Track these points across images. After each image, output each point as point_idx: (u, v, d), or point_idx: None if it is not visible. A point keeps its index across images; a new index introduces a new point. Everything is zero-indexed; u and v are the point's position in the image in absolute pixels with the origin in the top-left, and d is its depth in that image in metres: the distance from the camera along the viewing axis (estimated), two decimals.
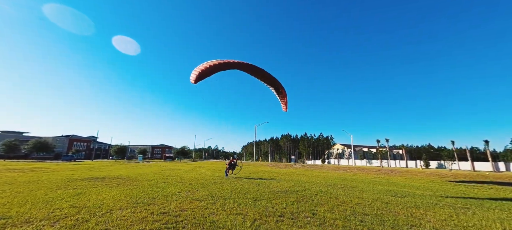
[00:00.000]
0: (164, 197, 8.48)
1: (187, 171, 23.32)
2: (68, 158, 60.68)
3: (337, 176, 22.19)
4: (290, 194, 9.85)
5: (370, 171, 31.27)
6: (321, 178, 19.45)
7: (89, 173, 19.19)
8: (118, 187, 11.09)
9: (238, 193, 9.68)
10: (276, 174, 23.14)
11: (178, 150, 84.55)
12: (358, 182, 16.87)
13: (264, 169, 32.79)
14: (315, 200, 8.69)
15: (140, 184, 12.35)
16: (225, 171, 17.31)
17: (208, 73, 9.21)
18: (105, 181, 13.25)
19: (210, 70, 9.27)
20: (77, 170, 22.09)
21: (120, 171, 21.65)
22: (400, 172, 29.42)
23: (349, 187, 13.02)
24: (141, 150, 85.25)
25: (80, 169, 23.86)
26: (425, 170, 33.85)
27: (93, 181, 13.43)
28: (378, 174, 27.38)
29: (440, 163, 43.51)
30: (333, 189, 12.08)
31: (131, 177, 15.83)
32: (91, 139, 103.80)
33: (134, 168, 28.36)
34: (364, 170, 32.85)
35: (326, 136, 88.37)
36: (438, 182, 18.77)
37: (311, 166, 40.95)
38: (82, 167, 27.76)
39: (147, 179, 14.69)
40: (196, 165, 42.73)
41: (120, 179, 14.43)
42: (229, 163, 17.09)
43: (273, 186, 12.55)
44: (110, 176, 16.69)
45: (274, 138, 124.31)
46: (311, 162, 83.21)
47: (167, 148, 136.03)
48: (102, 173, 18.92)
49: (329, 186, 13.19)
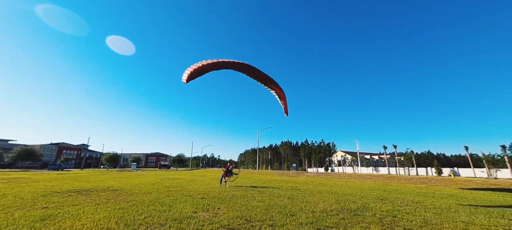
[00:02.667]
0: (177, 223, 5.65)
1: (189, 181, 20.27)
2: (55, 167, 56.18)
3: (370, 186, 18.41)
4: (353, 215, 7.04)
5: (400, 179, 27.59)
6: (355, 188, 16.35)
7: (74, 184, 16.00)
8: (107, 204, 8.16)
9: (279, 213, 6.90)
10: (293, 183, 20.30)
11: (174, 158, 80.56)
12: (415, 194, 13.46)
13: (274, 177, 29.83)
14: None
15: (137, 199, 9.41)
16: (221, 178, 15.91)
17: (200, 72, 8.61)
18: (91, 195, 10.25)
19: (202, 69, 8.63)
20: (60, 181, 18.81)
21: (111, 181, 18.48)
22: (436, 180, 25.88)
23: (420, 204, 9.83)
24: (134, 158, 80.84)
25: (65, 179, 20.54)
26: (456, 178, 30.33)
27: (76, 194, 10.41)
28: (414, 183, 23.48)
29: (453, 170, 41.32)
30: (406, 206, 9.04)
31: (125, 189, 12.82)
32: (82, 146, 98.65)
33: (127, 177, 25.08)
34: (392, 178, 29.20)
35: (328, 142, 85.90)
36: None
37: (326, 174, 38.11)
38: (67, 177, 24.33)
39: (145, 192, 11.71)
40: (196, 173, 39.39)
41: (111, 192, 11.42)
42: (226, 170, 15.57)
43: (313, 201, 9.75)
44: (98, 187, 13.62)
45: (273, 145, 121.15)
46: (313, 170, 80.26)
47: (162, 156, 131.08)
48: (89, 184, 15.78)
49: (388, 202, 10.37)
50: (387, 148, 53.78)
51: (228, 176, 15.51)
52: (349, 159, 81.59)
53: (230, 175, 15.84)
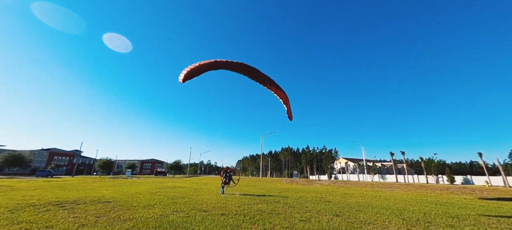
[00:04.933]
0: None
1: (194, 190, 17.85)
2: (44, 173, 52.72)
3: (414, 199, 14.94)
4: None
5: (434, 189, 23.46)
6: (391, 200, 13.67)
7: (59, 193, 13.51)
8: (95, 225, 5.87)
9: None
10: (315, 193, 18.05)
11: (171, 165, 77.29)
12: (486, 210, 11.79)
13: (285, 185, 27.44)
14: None
15: (137, 216, 7.12)
16: (222, 186, 14.54)
17: (197, 72, 8.22)
18: (76, 210, 7.91)
19: (200, 69, 8.23)
20: (44, 189, 16.24)
21: (104, 190, 15.99)
22: (472, 189, 22.54)
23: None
24: (129, 165, 77.32)
25: (50, 188, 17.96)
26: (492, 188, 26.52)
27: (56, 208, 8.06)
28: (451, 192, 20.57)
29: (466, 178, 39.46)
30: None
31: (120, 201, 10.46)
32: (74, 152, 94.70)
33: (122, 185, 22.49)
34: (425, 187, 25.30)
35: (330, 149, 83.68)
36: None
37: (343, 183, 35.65)
38: (54, 185, 21.66)
39: (146, 205, 9.38)
40: (196, 181, 36.73)
41: (102, 205, 9.07)
42: (225, 175, 14.32)
43: (379, 222, 7.58)
44: (87, 198, 11.21)
45: (272, 152, 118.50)
46: (315, 177, 77.78)
47: (158, 163, 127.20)
48: (77, 194, 13.31)
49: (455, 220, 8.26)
50: (393, 154, 51.89)
51: (227, 184, 14.35)
52: (351, 166, 79.47)
53: (230, 180, 14.75)
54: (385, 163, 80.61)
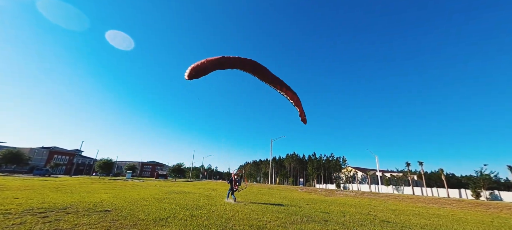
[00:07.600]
0: None
1: (206, 197, 15.42)
2: (42, 172, 50.76)
3: (483, 220, 11.57)
4: None
5: (493, 207, 18.87)
6: (473, 224, 9.91)
7: (49, 196, 11.22)
8: None
9: None
10: (349, 206, 15.58)
11: (173, 168, 74.78)
12: None
13: (303, 195, 24.81)
14: None
15: None
16: (228, 192, 13.51)
17: (203, 71, 7.51)
18: (62, 223, 5.60)
19: (206, 68, 7.52)
20: (34, 190, 13.96)
21: (102, 194, 13.67)
22: None
23: None
24: (130, 166, 74.94)
25: (42, 188, 15.70)
26: None
27: (35, 219, 5.77)
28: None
29: (493, 194, 36.48)
30: None
31: (122, 209, 8.15)
32: (74, 152, 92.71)
33: (123, 188, 20.15)
34: (479, 204, 20.67)
35: (337, 157, 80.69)
36: None
37: (371, 194, 33.09)
38: (48, 185, 19.41)
39: (156, 219, 7.06)
40: (201, 185, 34.23)
41: (99, 216, 6.77)
42: (233, 181, 13.10)
43: None
44: (82, 204, 8.92)
45: (276, 158, 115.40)
46: (322, 186, 74.67)
47: (158, 165, 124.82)
48: (71, 197, 11.01)
49: None
50: (410, 164, 49.02)
51: (236, 189, 13.39)
52: (359, 175, 76.23)
53: (237, 187, 13.79)
54: (394, 173, 77.19)
